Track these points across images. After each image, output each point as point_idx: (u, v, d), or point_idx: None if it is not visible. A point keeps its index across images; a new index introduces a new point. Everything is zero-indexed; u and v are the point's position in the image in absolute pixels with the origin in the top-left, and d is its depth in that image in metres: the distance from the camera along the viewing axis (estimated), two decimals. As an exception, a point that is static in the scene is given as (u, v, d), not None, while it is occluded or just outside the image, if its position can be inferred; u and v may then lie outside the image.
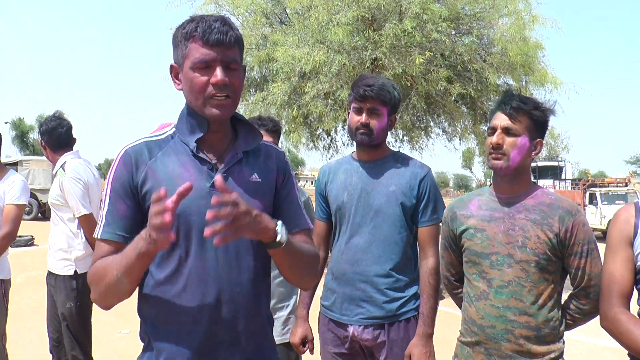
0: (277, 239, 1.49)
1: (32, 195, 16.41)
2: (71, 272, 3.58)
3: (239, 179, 1.62)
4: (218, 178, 1.32)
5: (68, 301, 3.59)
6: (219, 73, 1.50)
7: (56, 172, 3.72)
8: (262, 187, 1.67)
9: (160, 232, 1.29)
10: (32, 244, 12.62)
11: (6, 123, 43.07)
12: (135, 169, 1.55)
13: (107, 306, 1.56)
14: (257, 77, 11.27)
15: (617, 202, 18.31)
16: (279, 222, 1.51)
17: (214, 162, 1.59)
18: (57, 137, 3.75)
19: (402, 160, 2.50)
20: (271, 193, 1.70)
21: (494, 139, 2.07)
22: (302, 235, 1.75)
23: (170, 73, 1.63)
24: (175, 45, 1.57)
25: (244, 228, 1.36)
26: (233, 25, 1.55)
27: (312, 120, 9.98)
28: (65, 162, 3.71)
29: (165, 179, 1.53)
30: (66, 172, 3.62)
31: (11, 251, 3.68)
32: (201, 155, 1.58)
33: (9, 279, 3.63)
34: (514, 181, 2.12)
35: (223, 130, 1.65)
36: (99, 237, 1.54)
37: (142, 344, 1.63)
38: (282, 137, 11.67)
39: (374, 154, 2.49)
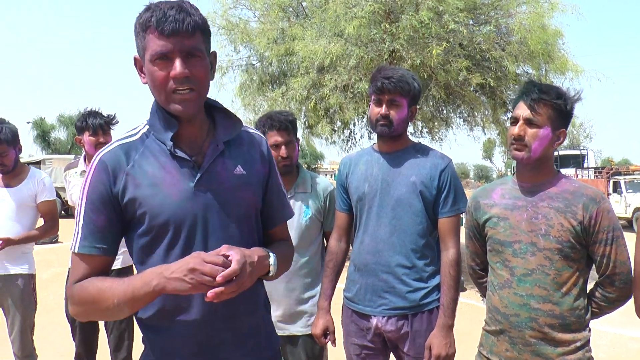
0: (270, 274, 1.53)
1: (56, 194, 16.53)
2: (131, 262, 3.44)
3: (223, 174, 1.54)
4: (210, 295, 1.30)
5: None
6: (177, 65, 1.38)
7: None
8: (247, 179, 1.59)
9: (199, 290, 1.29)
10: (56, 241, 12.82)
11: (28, 123, 43.67)
12: (113, 178, 1.46)
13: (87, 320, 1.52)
14: (276, 72, 11.27)
15: (642, 190, 17.94)
16: (271, 255, 1.53)
17: (194, 159, 1.50)
18: None
19: (422, 151, 2.49)
20: (258, 184, 1.64)
21: (515, 130, 2.04)
22: (281, 227, 1.77)
23: (135, 66, 1.51)
24: (135, 36, 1.44)
25: (247, 283, 1.38)
26: (192, 11, 1.40)
27: (331, 112, 9.99)
28: None
29: (147, 185, 1.46)
30: None
31: (36, 248, 3.75)
32: (180, 154, 1.48)
33: (35, 274, 3.69)
34: (537, 170, 2.10)
35: (198, 122, 1.54)
36: (75, 251, 1.46)
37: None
38: (301, 130, 11.72)
39: (395, 145, 2.49)
